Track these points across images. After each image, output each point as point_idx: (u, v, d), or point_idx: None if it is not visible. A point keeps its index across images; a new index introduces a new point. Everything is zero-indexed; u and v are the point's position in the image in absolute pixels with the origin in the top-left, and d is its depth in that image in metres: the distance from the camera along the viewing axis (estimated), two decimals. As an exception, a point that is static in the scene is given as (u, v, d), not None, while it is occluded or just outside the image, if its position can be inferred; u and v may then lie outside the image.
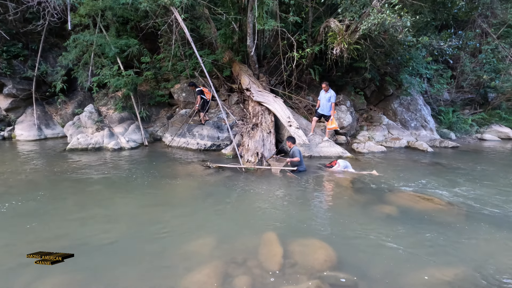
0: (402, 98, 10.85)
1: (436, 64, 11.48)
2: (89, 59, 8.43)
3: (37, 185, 4.91)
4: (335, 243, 3.19)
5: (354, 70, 10.10)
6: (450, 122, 11.31)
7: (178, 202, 4.49)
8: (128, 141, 7.94)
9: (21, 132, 8.80)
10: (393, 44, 7.95)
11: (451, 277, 2.72)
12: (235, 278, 2.63)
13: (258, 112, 7.75)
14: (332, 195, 4.96)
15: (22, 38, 9.17)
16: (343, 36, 7.14)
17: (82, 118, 8.49)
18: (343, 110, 9.43)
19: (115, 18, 8.81)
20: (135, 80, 8.53)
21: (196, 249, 3.11)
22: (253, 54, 8.86)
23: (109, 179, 5.29)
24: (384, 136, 9.62)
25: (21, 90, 9.02)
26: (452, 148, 9.10)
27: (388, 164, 6.95)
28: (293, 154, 5.65)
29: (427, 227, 3.69)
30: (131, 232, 3.45)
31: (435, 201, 4.48)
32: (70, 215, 3.83)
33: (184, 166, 6.26)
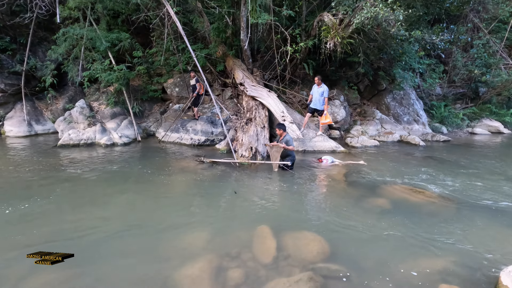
0: (395, 93, 10.92)
1: (428, 58, 11.57)
2: (79, 53, 8.27)
3: (28, 182, 4.82)
4: (328, 236, 3.23)
5: (347, 64, 10.11)
6: (442, 117, 11.45)
7: (172, 197, 4.47)
8: (121, 136, 7.85)
9: (10, 128, 8.62)
10: (386, 38, 7.97)
11: (442, 267, 2.78)
12: (229, 271, 2.64)
13: (252, 107, 7.72)
14: (326, 189, 4.99)
15: (9, 32, 8.93)
16: (337, 30, 7.13)
17: (73, 114, 8.36)
18: (336, 104, 9.46)
19: (106, 11, 8.64)
20: (127, 75, 8.41)
21: (190, 243, 3.11)
22: (247, 48, 8.80)
23: (102, 175, 5.23)
24: (377, 130, 9.70)
25: (9, 85, 8.81)
26: (444, 142, 9.23)
27: (381, 158, 7.02)
28: (288, 143, 5.53)
29: (419, 219, 3.75)
30: (124, 227, 3.43)
31: (427, 194, 4.55)
32: (62, 212, 3.78)
33: (178, 162, 6.23)
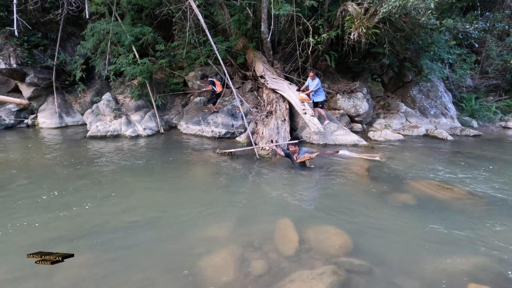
0: (421, 85, 10.46)
1: (459, 48, 10.91)
2: (106, 48, 8.56)
3: (61, 170, 5.12)
4: (351, 230, 3.19)
5: (371, 55, 9.78)
6: (473, 110, 10.85)
7: (194, 188, 4.58)
8: (145, 128, 8.11)
9: (43, 120, 9.14)
10: (414, 28, 7.58)
11: (470, 266, 2.68)
12: (252, 261, 2.69)
13: (272, 100, 7.69)
14: (347, 183, 4.91)
15: (41, 28, 9.36)
16: (361, 20, 6.89)
17: (100, 106, 8.71)
18: (359, 97, 9.21)
19: (130, 6, 8.83)
20: (150, 68, 8.62)
21: (213, 233, 3.20)
22: (268, 41, 8.71)
23: (127, 166, 5.45)
24: (401, 124, 9.37)
25: (42, 79, 9.29)
26: (474, 137, 8.77)
27: (405, 152, 6.79)
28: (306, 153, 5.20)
29: (446, 216, 3.62)
30: (150, 216, 3.57)
31: (455, 190, 4.37)
32: (92, 199, 3.99)
33: (200, 153, 6.35)
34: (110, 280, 2.48)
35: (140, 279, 2.50)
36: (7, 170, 5.03)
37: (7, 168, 5.14)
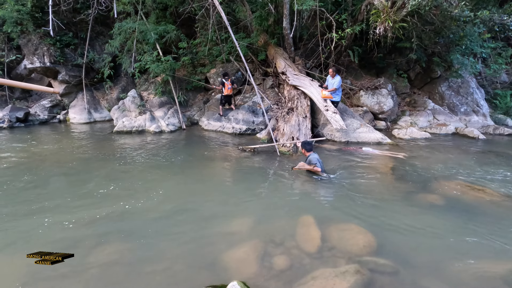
0: (451, 81, 9.94)
1: (494, 41, 10.25)
2: (132, 46, 8.84)
3: (90, 163, 5.38)
4: (375, 229, 3.12)
5: (397, 50, 9.41)
6: (508, 107, 10.18)
7: (215, 183, 4.66)
8: (168, 124, 8.33)
9: (74, 116, 9.63)
10: (445, 21, 7.21)
11: (504, 272, 2.55)
12: (274, 257, 2.71)
13: (293, 96, 7.63)
14: (371, 181, 4.79)
15: (72, 28, 9.84)
16: (388, 13, 6.64)
17: (126, 103, 9.03)
18: (383, 94, 8.92)
19: (155, 4, 9.06)
20: (173, 66, 8.81)
21: (235, 228, 3.24)
22: (290, 37, 8.62)
23: (151, 161, 5.62)
24: (428, 121, 8.98)
25: (72, 77, 9.78)
26: (508, 136, 8.24)
27: (432, 151, 6.51)
28: (310, 162, 4.73)
29: (477, 218, 3.45)
30: (174, 210, 3.68)
31: (488, 192, 4.15)
32: (118, 192, 4.17)
33: (221, 149, 6.44)
34: (137, 268, 2.59)
35: (164, 268, 2.59)
36: (47, 163, 5.36)
37: (47, 161, 5.47)
